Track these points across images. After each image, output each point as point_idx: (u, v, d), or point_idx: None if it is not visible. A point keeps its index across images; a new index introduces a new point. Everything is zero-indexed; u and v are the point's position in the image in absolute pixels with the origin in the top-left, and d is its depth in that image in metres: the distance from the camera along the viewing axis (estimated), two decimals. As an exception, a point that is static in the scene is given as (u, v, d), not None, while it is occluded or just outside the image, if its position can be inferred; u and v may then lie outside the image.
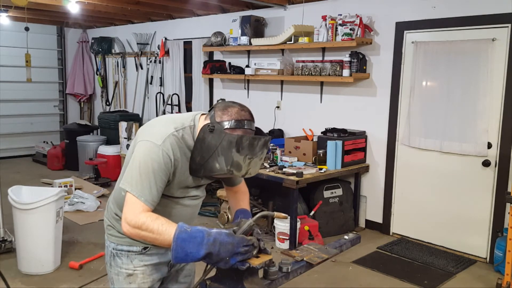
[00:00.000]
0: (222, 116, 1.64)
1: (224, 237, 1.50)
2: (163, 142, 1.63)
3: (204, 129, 1.66)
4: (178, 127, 1.69)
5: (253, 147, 1.62)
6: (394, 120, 4.88)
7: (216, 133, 1.61)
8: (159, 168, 1.61)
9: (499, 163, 4.19)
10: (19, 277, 3.76)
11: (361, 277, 3.97)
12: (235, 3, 6.05)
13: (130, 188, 1.61)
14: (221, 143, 1.60)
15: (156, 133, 1.67)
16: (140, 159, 1.63)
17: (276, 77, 5.63)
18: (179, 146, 1.67)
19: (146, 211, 1.58)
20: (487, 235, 4.30)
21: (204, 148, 1.65)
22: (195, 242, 1.47)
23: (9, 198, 3.73)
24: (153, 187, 1.61)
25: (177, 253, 1.48)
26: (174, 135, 1.66)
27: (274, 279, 1.69)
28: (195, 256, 1.48)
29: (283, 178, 4.38)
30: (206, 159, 1.65)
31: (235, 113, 1.65)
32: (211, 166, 1.65)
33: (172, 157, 1.64)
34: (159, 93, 7.74)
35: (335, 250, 1.96)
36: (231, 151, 1.59)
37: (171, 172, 1.66)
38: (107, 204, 1.93)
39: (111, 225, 1.87)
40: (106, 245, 1.90)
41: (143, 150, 1.64)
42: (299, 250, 1.92)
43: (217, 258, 1.48)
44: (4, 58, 8.23)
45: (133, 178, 1.61)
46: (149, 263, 1.84)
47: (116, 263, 1.85)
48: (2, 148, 8.43)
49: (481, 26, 4.20)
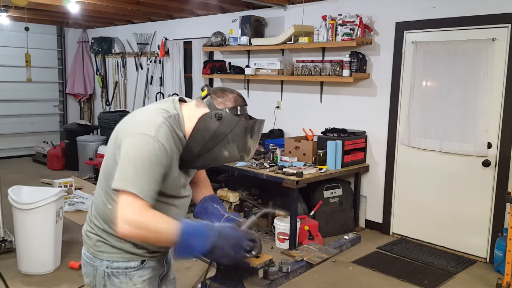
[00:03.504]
0: (226, 103, 1.59)
1: (228, 230, 1.50)
2: (157, 132, 1.49)
3: (207, 117, 1.56)
4: (166, 116, 1.55)
5: (259, 130, 1.65)
6: (394, 120, 4.87)
7: (225, 120, 1.55)
8: (156, 161, 1.48)
9: (499, 163, 4.19)
10: (19, 277, 3.76)
11: (361, 277, 3.96)
12: (235, 3, 6.05)
13: (126, 187, 1.44)
14: (232, 130, 1.56)
15: (145, 123, 1.53)
16: (134, 154, 1.47)
17: (276, 77, 5.62)
18: (172, 135, 1.54)
19: (148, 209, 1.46)
20: (487, 235, 4.30)
21: (207, 137, 1.56)
22: (200, 236, 1.45)
23: (9, 198, 3.73)
24: (151, 182, 1.48)
25: (182, 247, 1.44)
26: (165, 124, 1.53)
27: (274, 279, 1.69)
28: (200, 250, 1.45)
29: (283, 178, 4.38)
30: (210, 148, 1.58)
31: (235, 99, 1.61)
32: (216, 155, 1.59)
33: (168, 148, 1.51)
34: (159, 93, 7.74)
35: (335, 250, 1.96)
36: (246, 137, 1.58)
37: (168, 165, 1.53)
38: (89, 219, 1.73)
39: (101, 240, 1.66)
40: (94, 265, 1.68)
41: (135, 144, 1.48)
42: (299, 250, 1.92)
43: (221, 253, 1.46)
44: (4, 58, 8.23)
45: (128, 176, 1.45)
46: (147, 277, 1.70)
47: (113, 283, 1.66)
48: (2, 148, 8.43)
49: (481, 26, 4.20)
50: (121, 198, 1.46)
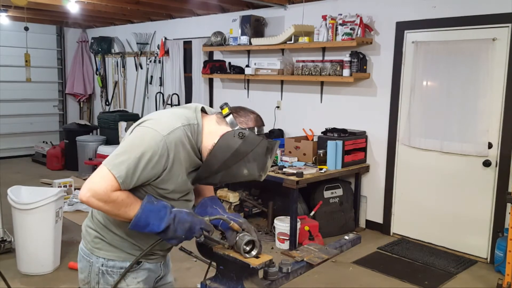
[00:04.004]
0: (248, 123, 1.64)
1: (184, 215, 1.56)
2: (168, 134, 1.52)
3: (229, 136, 1.58)
4: (185, 123, 1.58)
5: (276, 150, 1.70)
6: (394, 120, 4.87)
7: (248, 139, 1.59)
8: (150, 158, 1.49)
9: (499, 163, 4.18)
10: (19, 277, 3.75)
11: (362, 277, 3.96)
12: (235, 3, 6.04)
13: (109, 166, 1.49)
14: (254, 149, 1.60)
15: (161, 123, 1.56)
16: (134, 142, 1.52)
17: (276, 77, 5.62)
18: (183, 142, 1.56)
19: (117, 191, 1.49)
20: (488, 235, 4.29)
21: (228, 155, 1.59)
22: (159, 215, 1.53)
23: (9, 198, 3.72)
24: (136, 175, 1.50)
25: (139, 221, 1.51)
26: (181, 130, 1.56)
27: (274, 279, 1.68)
28: (154, 229, 1.53)
29: (283, 178, 4.37)
30: (230, 166, 1.61)
31: (255, 120, 1.66)
32: (235, 173, 1.63)
33: (171, 154, 1.53)
34: (158, 93, 7.73)
35: (335, 250, 1.95)
36: (267, 156, 1.63)
37: (166, 168, 1.54)
38: (91, 214, 1.75)
39: (99, 237, 1.69)
40: (89, 262, 1.70)
41: (142, 134, 1.53)
42: (299, 251, 1.91)
43: (172, 234, 1.54)
44: (3, 58, 8.22)
45: (117, 159, 1.50)
46: (141, 279, 1.71)
47: (107, 281, 1.68)
48: (2, 148, 8.42)
49: (481, 26, 4.19)
50: (99, 169, 1.52)
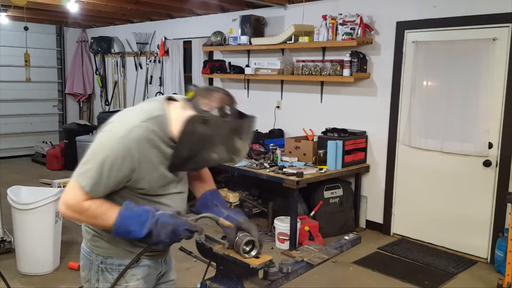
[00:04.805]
0: (211, 104, 1.53)
1: (166, 218, 1.53)
2: (127, 135, 1.48)
3: (193, 121, 1.52)
4: (146, 118, 1.53)
5: (249, 129, 1.61)
6: (394, 120, 4.86)
7: (211, 123, 1.51)
8: (112, 163, 1.48)
9: (500, 163, 4.18)
10: (18, 277, 3.75)
11: (362, 277, 3.95)
12: (235, 3, 6.04)
13: (75, 177, 1.52)
14: (219, 132, 1.52)
15: (119, 124, 1.54)
16: (95, 149, 1.52)
17: (276, 76, 5.61)
18: (148, 139, 1.51)
19: (88, 199, 1.51)
20: (488, 236, 4.29)
21: (194, 141, 1.53)
22: (139, 221, 1.51)
23: (8, 198, 3.72)
24: (102, 182, 1.50)
25: (119, 228, 1.51)
26: (140, 127, 1.50)
27: (274, 279, 1.68)
28: (137, 235, 1.52)
29: (283, 178, 4.37)
30: (199, 151, 1.55)
31: (221, 99, 1.56)
32: (205, 158, 1.56)
33: (135, 153, 1.49)
34: (158, 93, 7.72)
35: (336, 250, 1.95)
36: (234, 138, 1.54)
37: (134, 168, 1.51)
38: None
39: (97, 235, 1.68)
40: (90, 260, 1.71)
41: (100, 141, 1.53)
42: (299, 251, 1.91)
43: (156, 239, 1.53)
44: (3, 58, 8.21)
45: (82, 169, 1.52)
46: (141, 276, 1.70)
47: (106, 279, 1.68)
48: (1, 148, 8.42)
49: (482, 26, 4.19)
50: (69, 182, 1.55)
